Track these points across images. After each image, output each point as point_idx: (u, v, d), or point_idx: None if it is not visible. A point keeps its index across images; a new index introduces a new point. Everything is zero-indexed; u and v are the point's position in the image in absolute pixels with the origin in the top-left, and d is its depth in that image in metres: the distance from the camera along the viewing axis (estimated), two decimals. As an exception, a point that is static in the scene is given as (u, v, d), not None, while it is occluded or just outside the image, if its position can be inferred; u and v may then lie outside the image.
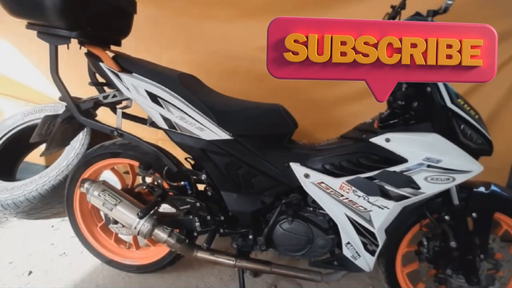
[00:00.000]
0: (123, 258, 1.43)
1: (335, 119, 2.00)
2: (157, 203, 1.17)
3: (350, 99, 1.88)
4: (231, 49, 1.89)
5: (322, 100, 1.95)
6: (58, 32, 1.11)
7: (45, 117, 1.25)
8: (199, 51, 1.94)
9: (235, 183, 1.15)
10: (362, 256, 1.13)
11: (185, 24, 1.92)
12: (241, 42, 1.86)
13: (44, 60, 2.11)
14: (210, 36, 1.91)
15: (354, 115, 1.91)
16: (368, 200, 1.03)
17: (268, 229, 1.13)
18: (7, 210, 1.81)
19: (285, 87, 1.86)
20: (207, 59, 1.94)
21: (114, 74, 1.12)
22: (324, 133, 1.81)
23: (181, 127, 1.11)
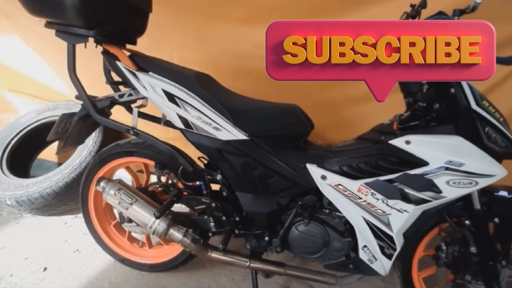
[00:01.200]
0: (136, 256, 1.44)
1: (346, 119, 1.98)
2: (172, 203, 1.17)
3: (361, 99, 1.86)
4: (242, 48, 1.88)
5: (333, 100, 1.93)
6: (76, 30, 1.11)
7: (62, 115, 1.26)
8: (211, 51, 1.94)
9: (250, 183, 1.14)
10: (378, 260, 1.11)
11: (196, 23, 1.91)
12: (252, 41, 1.84)
13: (57, 59, 2.17)
14: (221, 35, 1.91)
15: (366, 115, 1.90)
16: (387, 203, 1.01)
17: (284, 231, 1.12)
18: (22, 207, 1.83)
19: (296, 87, 1.84)
20: (218, 58, 1.94)
21: (131, 73, 1.12)
22: (335, 133, 1.80)
23: (197, 127, 1.10)
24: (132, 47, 1.28)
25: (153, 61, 1.17)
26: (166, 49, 1.95)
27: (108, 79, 1.32)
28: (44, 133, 2.20)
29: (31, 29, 2.11)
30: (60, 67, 2.20)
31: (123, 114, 1.31)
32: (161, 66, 1.15)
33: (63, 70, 2.23)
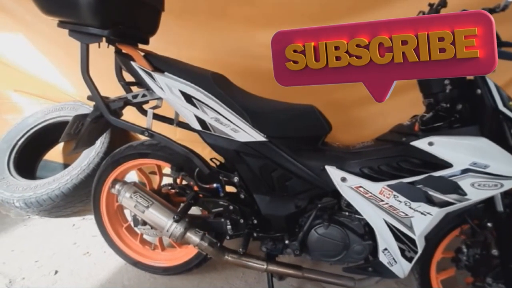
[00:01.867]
0: (149, 259, 1.42)
1: (356, 119, 1.96)
2: (190, 206, 1.15)
3: (371, 99, 1.84)
4: (250, 49, 1.85)
5: (343, 100, 1.91)
6: (90, 30, 1.09)
7: (74, 116, 1.24)
8: (219, 50, 1.91)
9: (269, 186, 1.12)
10: (398, 263, 1.10)
11: (204, 23, 1.88)
12: (261, 41, 1.82)
13: (63, 59, 2.14)
14: (230, 35, 1.88)
15: (376, 116, 1.89)
16: (410, 205, 0.99)
17: (303, 234, 1.10)
18: (30, 208, 1.81)
19: (306, 87, 1.82)
20: (226, 58, 1.91)
21: (146, 73, 1.10)
22: (345, 133, 1.78)
23: (215, 128, 1.08)
24: (145, 46, 1.27)
25: (168, 61, 1.15)
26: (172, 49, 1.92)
27: (119, 79, 1.30)
28: (51, 134, 2.22)
29: (37, 28, 2.09)
30: (66, 67, 2.17)
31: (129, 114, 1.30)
32: (177, 66, 1.13)
33: (69, 69, 2.24)
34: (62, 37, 2.04)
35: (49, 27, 2.09)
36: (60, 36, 2.03)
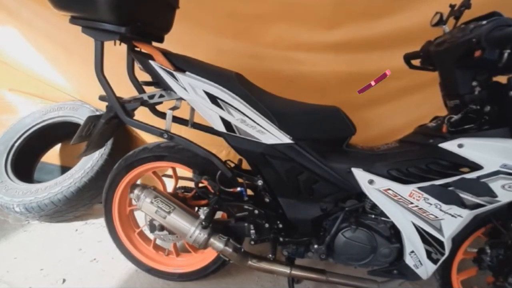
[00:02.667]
0: (164, 265, 1.37)
1: (362, 120, 1.95)
2: (215, 211, 1.11)
3: (377, 101, 1.84)
4: (260, 50, 1.82)
5: (350, 101, 1.90)
6: (106, 26, 1.03)
7: (87, 118, 1.18)
8: (227, 51, 1.87)
9: (294, 189, 1.09)
10: (423, 265, 1.09)
11: (212, 22, 1.83)
12: (271, 42, 1.79)
13: (61, 56, 2.05)
14: (238, 35, 1.83)
15: (382, 117, 1.89)
16: (441, 208, 0.98)
17: (330, 238, 1.08)
18: (31, 213, 1.73)
19: (314, 88, 1.81)
20: (235, 59, 1.87)
21: (168, 73, 1.05)
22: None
23: (240, 130, 1.05)
24: (159, 45, 1.22)
25: (189, 60, 1.10)
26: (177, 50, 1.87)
27: (132, 79, 1.25)
28: (50, 135, 2.12)
29: (34, 24, 2.00)
30: (65, 65, 2.08)
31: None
32: (199, 66, 1.08)
33: (68, 67, 2.14)
34: (60, 34, 1.99)
35: (46, 23, 2.01)
36: (58, 32, 1.98)
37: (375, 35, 1.64)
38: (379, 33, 1.63)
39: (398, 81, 1.74)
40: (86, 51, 1.93)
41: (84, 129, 1.19)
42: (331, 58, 1.72)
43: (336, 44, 1.69)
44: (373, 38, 1.64)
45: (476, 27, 0.92)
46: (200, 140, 1.20)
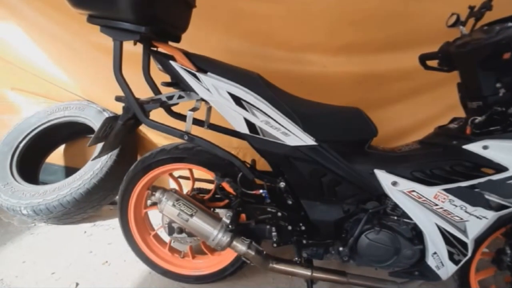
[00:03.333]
0: (180, 268, 1.36)
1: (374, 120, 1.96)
2: (239, 213, 1.10)
3: (388, 102, 1.84)
4: (270, 50, 1.80)
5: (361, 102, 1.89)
6: (126, 26, 1.00)
7: (105, 119, 1.15)
8: (236, 51, 1.85)
9: (318, 191, 1.09)
10: (445, 266, 1.10)
11: (221, 21, 1.81)
12: (281, 42, 1.77)
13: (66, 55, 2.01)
14: (248, 35, 1.81)
15: (389, 119, 1.89)
16: (466, 210, 0.99)
17: (353, 239, 1.08)
18: (38, 216, 1.69)
19: (323, 89, 1.80)
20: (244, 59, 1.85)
21: (190, 74, 1.03)
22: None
23: (265, 132, 1.03)
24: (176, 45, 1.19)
25: (211, 61, 1.08)
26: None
27: (147, 79, 1.23)
28: (55, 135, 2.08)
29: (37, 23, 1.95)
30: (70, 64, 2.04)
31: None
32: (221, 67, 1.07)
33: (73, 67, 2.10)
34: (66, 33, 1.94)
35: (51, 22, 1.97)
36: (64, 31, 1.93)
37: (386, 36, 1.63)
38: (390, 34, 1.63)
39: (408, 82, 1.74)
40: (91, 50, 1.94)
41: (101, 131, 1.17)
42: (342, 59, 1.71)
43: (347, 45, 1.68)
44: (384, 39, 1.64)
45: (502, 29, 0.92)
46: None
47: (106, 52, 1.89)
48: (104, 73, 1.96)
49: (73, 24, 1.89)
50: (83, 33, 1.90)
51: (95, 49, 1.94)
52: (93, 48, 1.94)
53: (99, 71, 1.97)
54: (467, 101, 1.10)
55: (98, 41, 1.86)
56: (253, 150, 1.11)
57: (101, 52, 1.91)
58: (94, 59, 1.96)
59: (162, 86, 1.14)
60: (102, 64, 1.93)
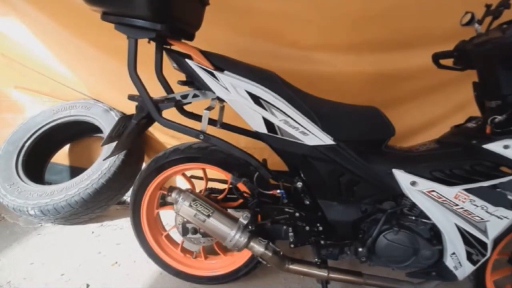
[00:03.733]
0: (193, 268, 1.34)
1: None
2: (257, 214, 1.08)
3: (396, 102, 1.82)
4: (279, 49, 1.78)
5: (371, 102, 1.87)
6: (141, 23, 0.98)
7: (119, 118, 1.14)
8: (244, 49, 1.82)
9: (336, 191, 1.07)
10: (462, 266, 1.09)
11: (229, 18, 1.79)
12: (291, 41, 1.75)
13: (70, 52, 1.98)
14: (256, 33, 1.79)
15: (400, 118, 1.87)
16: (487, 210, 0.98)
17: (372, 240, 1.07)
18: (46, 216, 1.67)
19: (333, 89, 1.78)
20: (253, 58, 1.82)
21: (207, 72, 1.01)
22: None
23: (283, 132, 1.02)
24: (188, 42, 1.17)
25: (227, 59, 1.06)
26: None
27: (159, 78, 1.21)
28: (60, 134, 2.05)
29: (40, 19, 1.91)
30: (75, 62, 2.01)
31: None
32: (238, 65, 1.05)
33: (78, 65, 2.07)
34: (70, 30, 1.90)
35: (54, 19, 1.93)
36: (68, 29, 1.90)
37: (398, 35, 1.62)
38: (401, 33, 1.62)
39: (420, 81, 1.73)
40: (97, 48, 1.91)
41: (114, 130, 1.15)
42: (353, 58, 1.70)
43: (358, 44, 1.66)
44: (396, 37, 1.62)
45: (525, 28, 0.91)
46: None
47: (112, 50, 1.87)
48: (111, 72, 1.94)
49: (78, 21, 1.86)
50: (88, 31, 1.86)
51: (101, 47, 1.91)
52: (99, 45, 1.91)
53: (105, 69, 1.94)
54: (485, 100, 1.09)
55: (104, 38, 1.83)
56: (260, 150, 1.10)
57: (107, 50, 1.88)
58: (100, 57, 1.93)
59: (178, 85, 1.12)
60: (108, 62, 1.91)
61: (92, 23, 1.57)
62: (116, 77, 1.92)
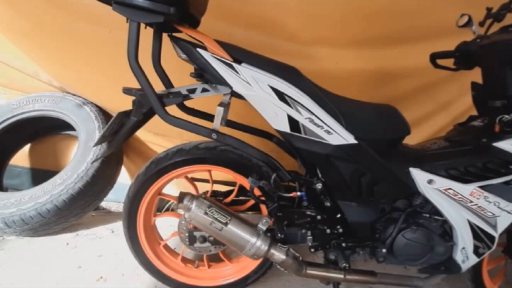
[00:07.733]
0: (196, 279, 1.22)
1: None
2: (281, 219, 1.01)
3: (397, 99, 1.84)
4: (277, 43, 1.70)
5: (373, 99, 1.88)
6: (147, 4, 0.84)
7: (116, 115, 0.98)
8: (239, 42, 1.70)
9: (356, 191, 1.04)
10: (469, 259, 1.13)
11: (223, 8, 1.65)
12: (290, 35, 1.69)
13: (37, 40, 1.70)
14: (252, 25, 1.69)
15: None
16: (499, 205, 1.02)
17: (391, 239, 1.06)
18: (11, 228, 1.43)
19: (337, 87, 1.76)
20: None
21: (225, 64, 0.91)
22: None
23: (307, 130, 0.95)
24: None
25: (244, 51, 0.97)
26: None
27: (157, 69, 1.08)
28: (22, 132, 1.77)
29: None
30: (42, 50, 1.73)
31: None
32: (257, 57, 0.96)
33: (45, 52, 1.79)
34: (29, 8, 1.61)
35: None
36: (25, 5, 1.61)
37: (398, 32, 1.64)
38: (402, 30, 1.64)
39: (420, 78, 1.76)
40: (64, 28, 1.63)
41: (109, 128, 1.00)
42: (354, 54, 1.68)
43: (359, 39, 1.65)
44: (396, 34, 1.64)
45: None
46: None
47: (88, 30, 1.61)
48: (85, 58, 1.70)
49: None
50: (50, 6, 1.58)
51: (68, 29, 1.64)
52: (66, 26, 1.63)
53: (74, 57, 1.70)
54: (488, 100, 1.13)
55: (76, 14, 1.57)
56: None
57: (81, 29, 1.62)
58: (67, 41, 1.66)
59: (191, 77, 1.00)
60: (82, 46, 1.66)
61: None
62: (93, 64, 1.68)
